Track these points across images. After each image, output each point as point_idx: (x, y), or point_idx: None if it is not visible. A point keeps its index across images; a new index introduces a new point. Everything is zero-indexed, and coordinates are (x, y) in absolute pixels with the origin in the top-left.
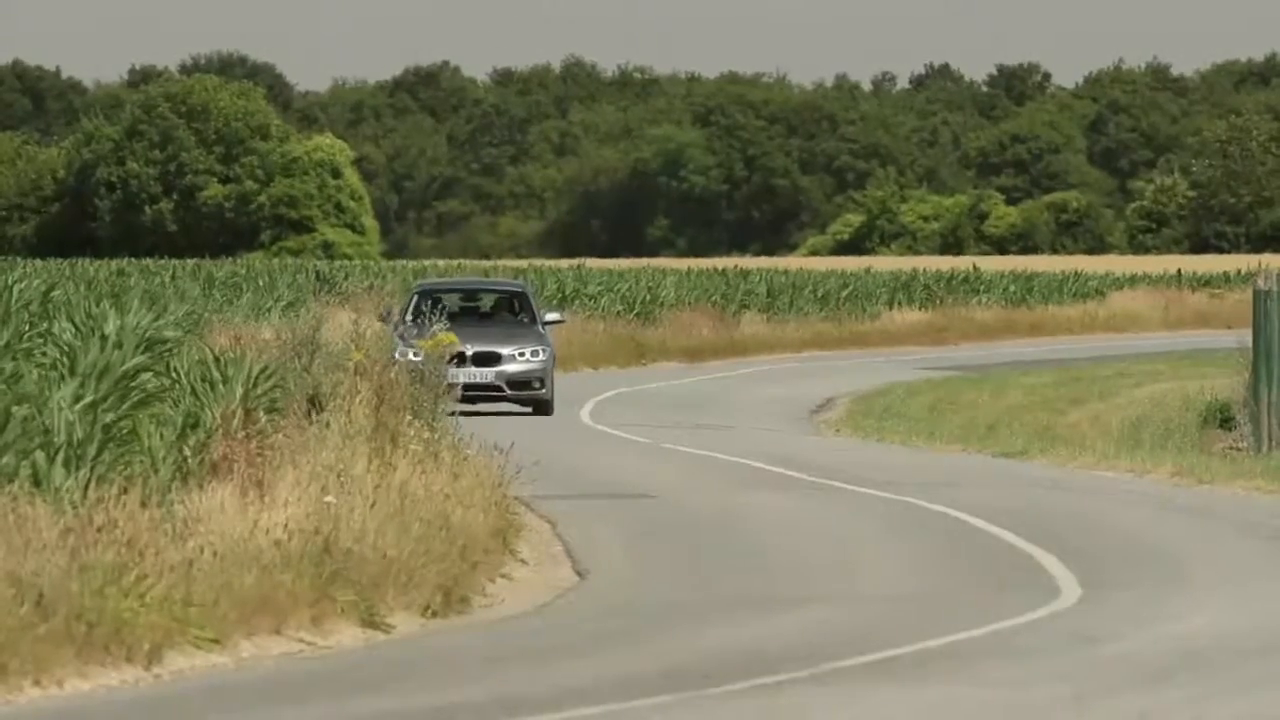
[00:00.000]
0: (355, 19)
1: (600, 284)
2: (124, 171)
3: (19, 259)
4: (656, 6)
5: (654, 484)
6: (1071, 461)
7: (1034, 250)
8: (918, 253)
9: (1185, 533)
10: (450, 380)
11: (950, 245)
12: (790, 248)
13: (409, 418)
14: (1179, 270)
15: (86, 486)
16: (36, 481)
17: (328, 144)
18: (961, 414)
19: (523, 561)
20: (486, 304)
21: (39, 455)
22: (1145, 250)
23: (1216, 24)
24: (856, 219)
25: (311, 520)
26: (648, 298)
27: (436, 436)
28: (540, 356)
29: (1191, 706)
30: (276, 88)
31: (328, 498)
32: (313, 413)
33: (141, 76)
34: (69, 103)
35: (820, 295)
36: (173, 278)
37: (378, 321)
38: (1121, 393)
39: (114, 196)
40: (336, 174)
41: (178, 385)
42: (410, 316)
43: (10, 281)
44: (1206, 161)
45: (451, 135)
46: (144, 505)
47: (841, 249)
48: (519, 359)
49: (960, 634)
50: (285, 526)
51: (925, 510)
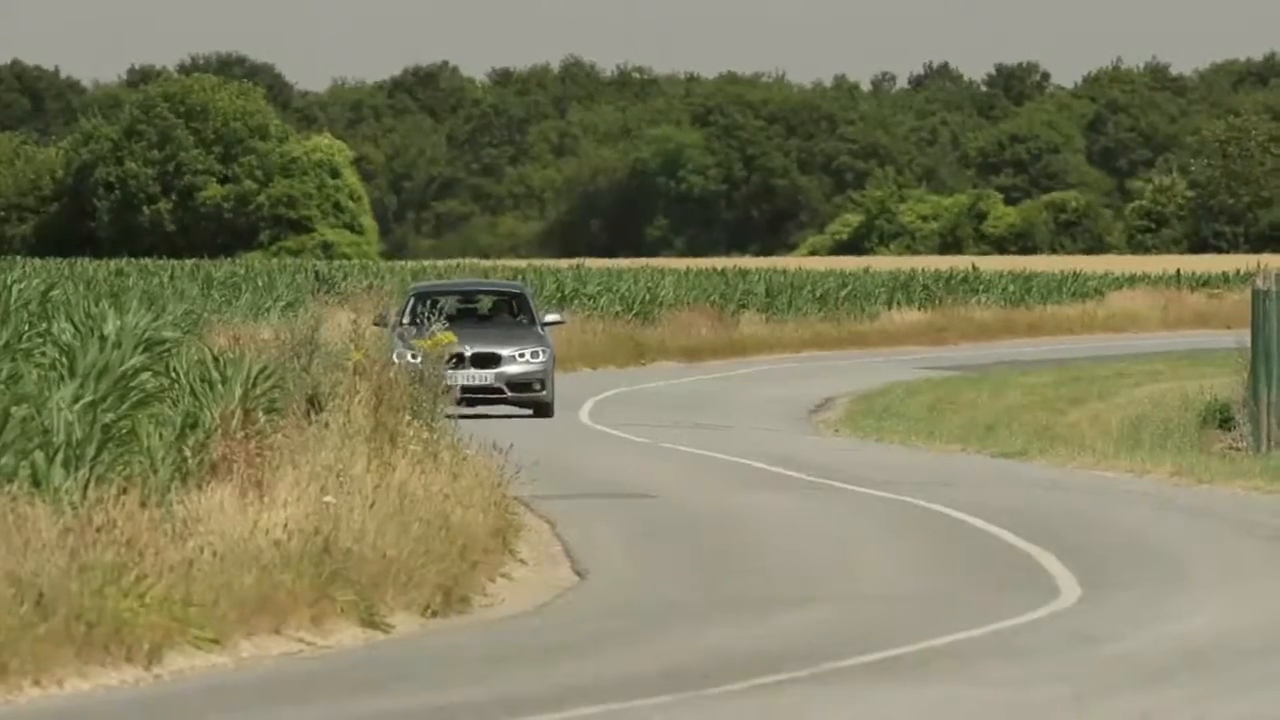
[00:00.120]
0: (354, 19)
1: (599, 284)
2: (123, 171)
3: (18, 259)
4: (655, 7)
5: (653, 484)
6: (1071, 461)
7: (1033, 250)
8: (917, 252)
9: (1185, 532)
10: (449, 382)
11: (949, 245)
12: (789, 248)
13: (408, 418)
14: (1178, 270)
15: (86, 486)
16: (36, 482)
17: (326, 144)
18: (961, 414)
19: (522, 561)
20: (485, 305)
21: (38, 455)
22: (1144, 250)
23: (1215, 24)
24: (855, 219)
25: (311, 520)
26: (647, 298)
27: (436, 436)
28: (540, 358)
29: (1192, 706)
30: (275, 88)
31: (327, 498)
32: (312, 413)
33: (140, 76)
34: (67, 102)
35: (819, 295)
36: (171, 278)
37: (374, 325)
38: (1121, 393)
39: (113, 196)
40: (335, 174)
41: (177, 385)
42: (407, 319)
43: (9, 281)
44: (1205, 161)
45: (450, 135)
46: (143, 505)
47: (840, 249)
48: (519, 360)
49: (960, 634)
50: (285, 526)
51: (925, 510)
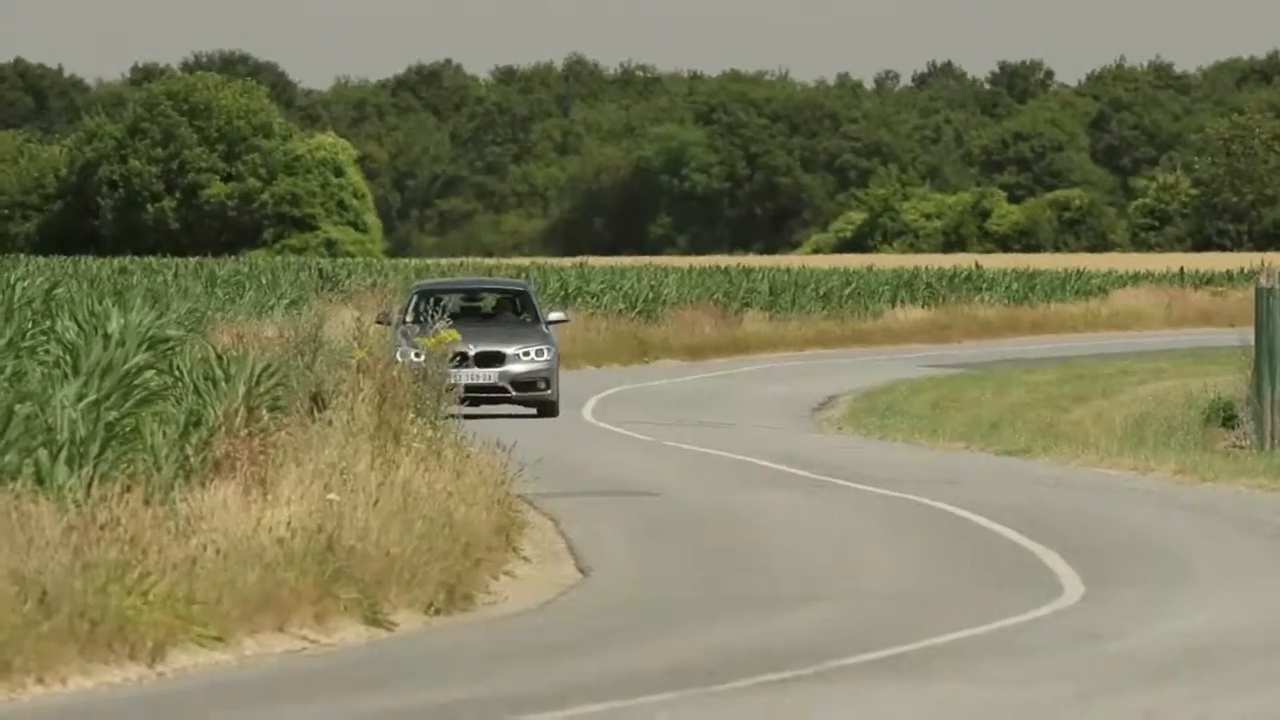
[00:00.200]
0: (358, 17)
1: (603, 282)
2: (126, 169)
3: (22, 257)
4: (659, 5)
5: (656, 481)
6: (1074, 459)
7: (1036, 248)
8: (920, 251)
9: (1188, 530)
10: (452, 381)
11: (953, 243)
12: (792, 246)
13: (412, 416)
14: (1181, 268)
15: (89, 485)
16: (39, 480)
17: (330, 142)
18: (964, 412)
19: (525, 559)
20: (488, 304)
21: (42, 453)
22: (1148, 248)
23: (1219, 22)
24: (859, 217)
25: (314, 518)
26: (650, 296)
27: (439, 434)
28: (545, 356)
29: (1195, 704)
30: (279, 86)
31: (330, 495)
32: (315, 411)
33: (144, 74)
34: (71, 101)
35: (823, 293)
36: (175, 276)
37: (377, 323)
38: (1124, 390)
39: (116, 194)
40: (339, 172)
41: (180, 383)
42: (410, 317)
43: (13, 279)
44: (1209, 159)
45: (454, 133)
46: (147, 503)
47: (844, 247)
48: (523, 359)
49: (964, 632)
50: (288, 524)
51: (928, 508)
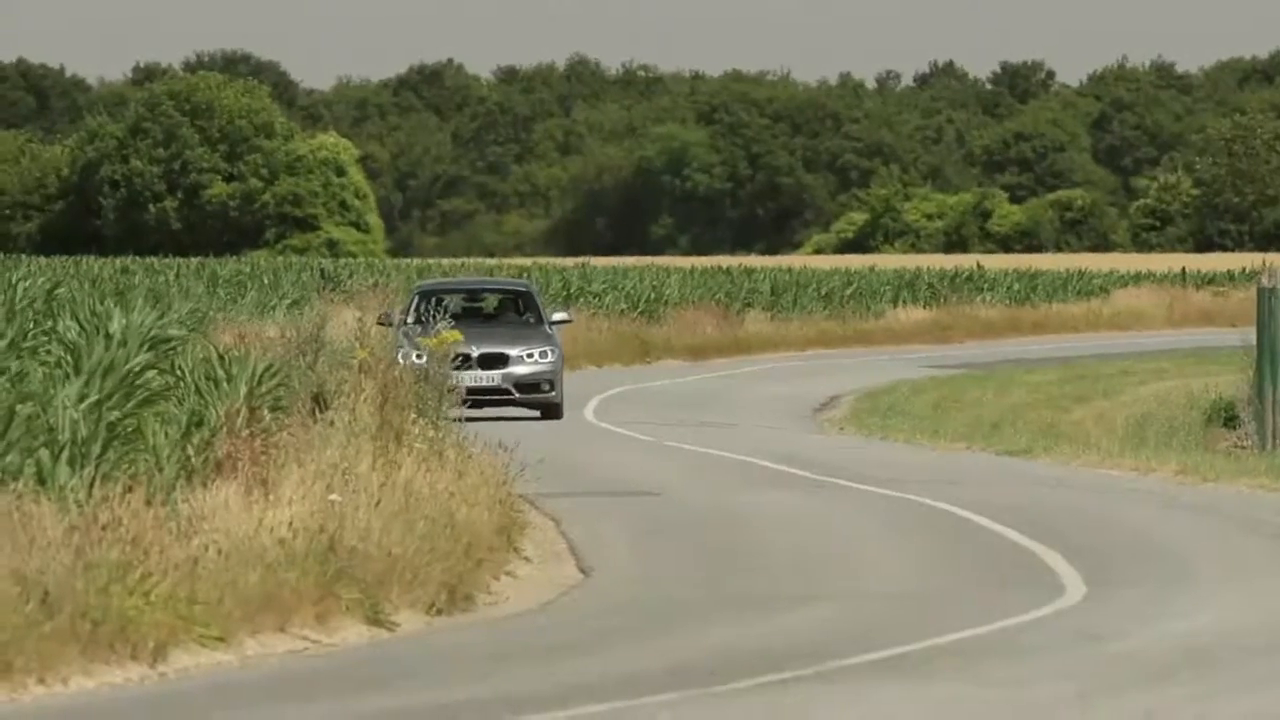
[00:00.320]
0: (359, 17)
1: (604, 282)
2: (128, 169)
3: (23, 257)
4: (660, 5)
5: (658, 482)
6: (1076, 459)
7: (1038, 248)
8: (922, 251)
9: (1190, 531)
10: (455, 384)
11: (954, 243)
12: (794, 246)
13: (414, 416)
14: (1183, 268)
15: (91, 485)
16: (41, 480)
17: (332, 142)
18: (966, 412)
19: (527, 559)
20: (490, 304)
21: (43, 453)
22: (1149, 248)
23: (1221, 22)
24: (860, 217)
25: (316, 518)
26: (652, 296)
27: (441, 435)
28: (549, 358)
29: (1196, 704)
30: (281, 86)
31: (332, 496)
32: (317, 411)
33: (146, 74)
34: (73, 100)
35: (824, 293)
36: (177, 276)
37: (378, 324)
38: (1126, 391)
39: (118, 194)
40: (341, 172)
41: (182, 383)
42: (412, 318)
43: (15, 279)
44: (1211, 159)
45: (456, 133)
46: (149, 503)
47: (845, 247)
48: (527, 360)
49: (965, 632)
50: (290, 525)
51: (929, 508)
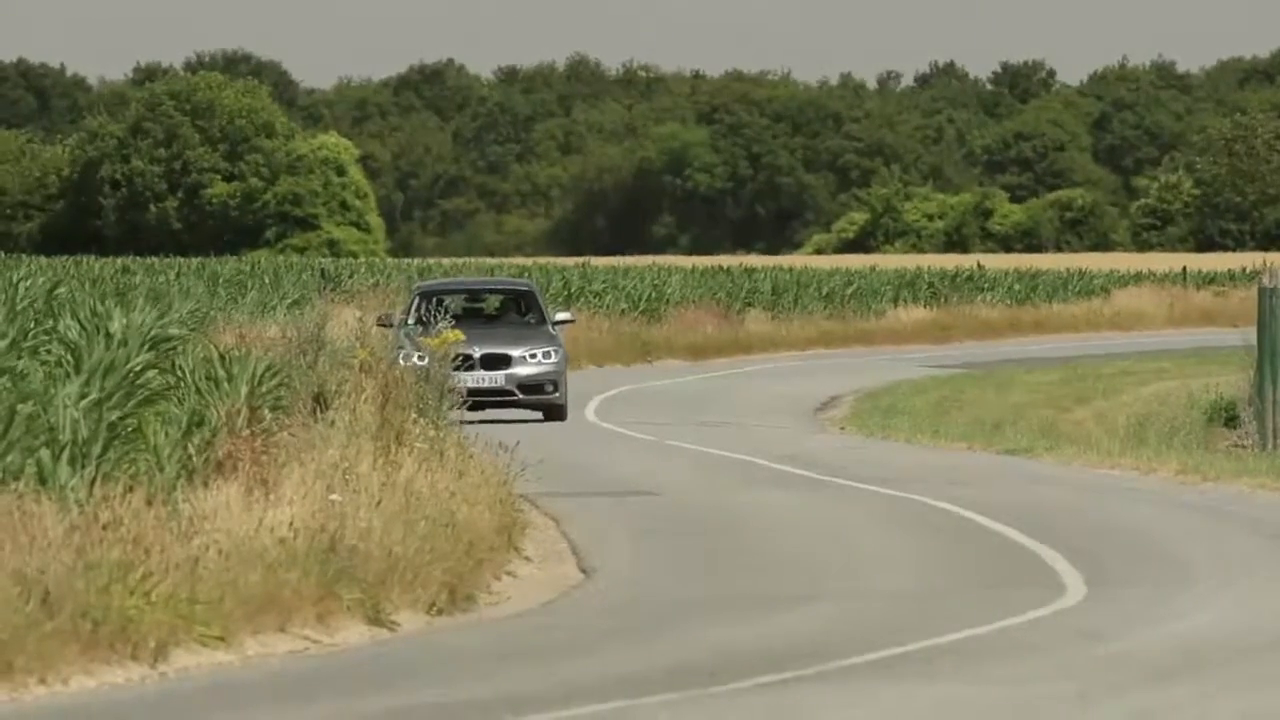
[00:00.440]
0: (360, 17)
1: (605, 282)
2: (129, 169)
3: (24, 256)
4: (661, 5)
5: (659, 482)
6: (1076, 459)
7: (1038, 248)
8: (922, 251)
9: (1190, 531)
10: (457, 385)
11: (955, 243)
12: (795, 246)
13: (414, 416)
14: (1184, 268)
15: (91, 484)
16: (42, 479)
17: (333, 142)
18: (966, 412)
19: (528, 559)
20: (492, 305)
21: (44, 453)
22: (1150, 248)
23: (1221, 22)
24: (861, 217)
25: (317, 518)
26: (652, 295)
27: (441, 434)
28: (553, 358)
29: (1196, 704)
30: (281, 85)
31: (333, 496)
32: (318, 411)
33: (146, 74)
34: (74, 100)
35: (825, 293)
36: (178, 275)
37: (378, 325)
38: (1126, 390)
39: (119, 194)
40: (341, 172)
41: (183, 383)
42: (412, 319)
43: (16, 279)
44: (1211, 159)
45: (456, 133)
46: (149, 503)
47: (846, 247)
48: (530, 361)
49: (965, 632)
50: (290, 524)
51: (930, 508)
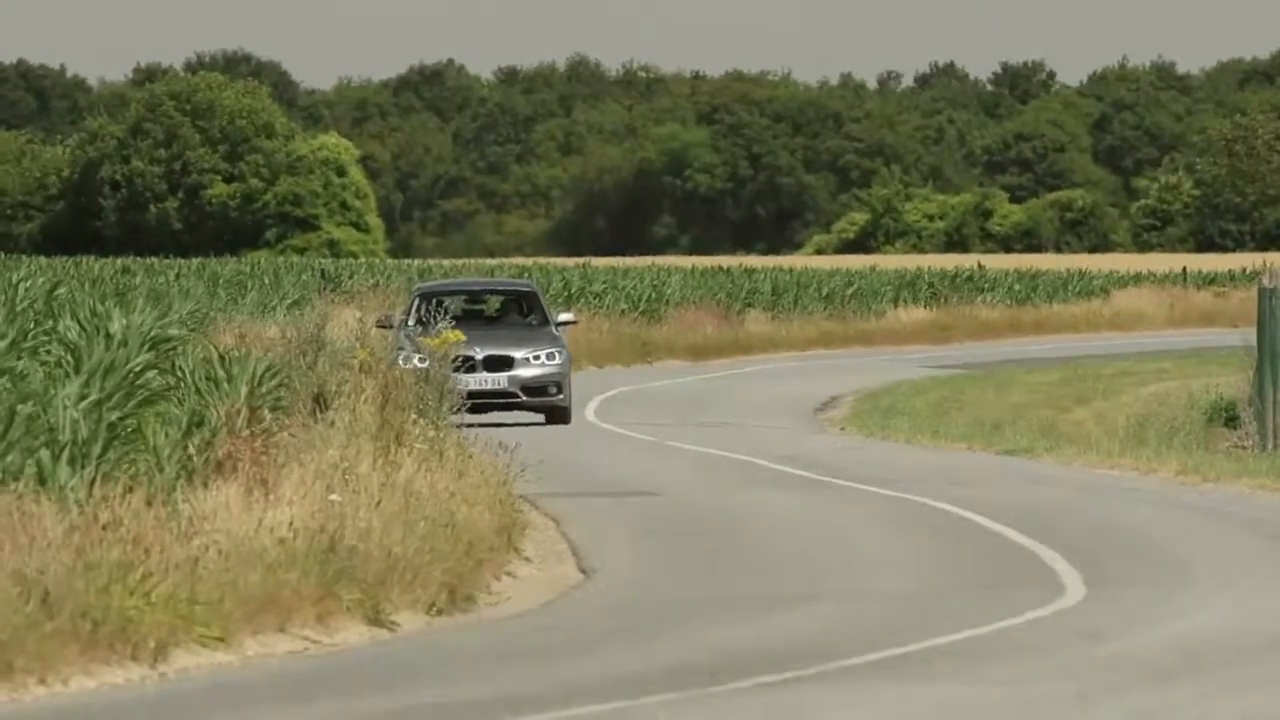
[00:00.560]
0: (360, 17)
1: (605, 282)
2: (129, 170)
3: (24, 257)
4: (661, 5)
5: (658, 482)
6: (1076, 459)
7: (1038, 249)
8: (922, 251)
9: (1190, 531)
10: (460, 387)
11: (955, 244)
12: (795, 246)
13: (414, 416)
14: (1184, 268)
15: (91, 485)
16: (41, 480)
17: (333, 142)
18: (966, 412)
19: (527, 559)
20: (493, 306)
21: (44, 453)
22: (1150, 248)
23: (1222, 23)
24: (861, 217)
25: (317, 518)
26: (652, 296)
27: (441, 435)
28: (556, 360)
29: (1196, 704)
30: (281, 86)
31: (333, 496)
32: (318, 411)
33: (146, 75)
34: (74, 101)
35: (825, 294)
36: (177, 276)
37: (378, 327)
38: (1126, 391)
39: (119, 195)
40: (341, 172)
41: (183, 384)
42: (412, 321)
43: (15, 280)
44: (1211, 160)
45: (456, 134)
46: (149, 504)
47: (846, 247)
48: (533, 363)
49: (965, 632)
50: (290, 525)
51: (930, 508)
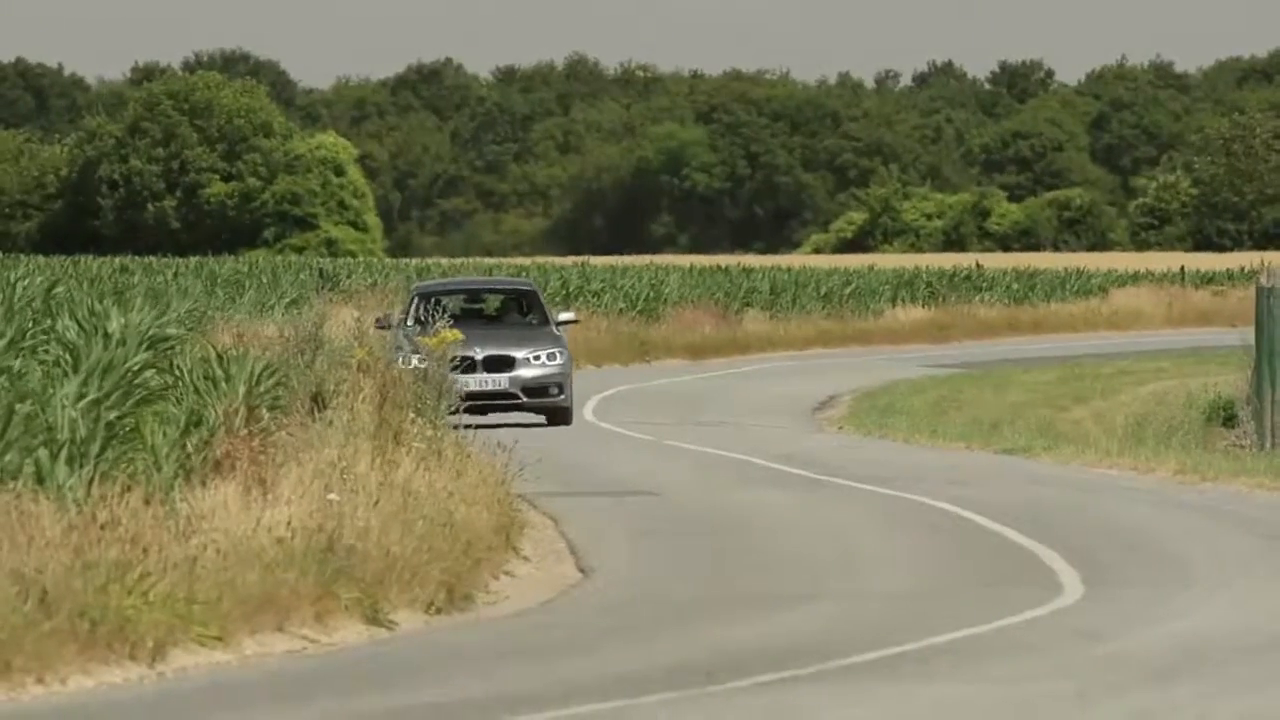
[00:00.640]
0: (358, 17)
1: (603, 281)
2: (127, 169)
3: (22, 256)
4: (659, 4)
5: (657, 481)
6: (1075, 459)
7: (1036, 248)
8: (920, 250)
9: (1188, 530)
10: (460, 388)
11: (953, 243)
12: (793, 245)
13: (412, 415)
14: (1182, 267)
15: (90, 484)
16: (40, 479)
17: (331, 141)
18: (964, 411)
19: (526, 559)
20: (493, 305)
21: (42, 453)
22: (1148, 247)
23: (1219, 21)
24: (859, 216)
25: (315, 518)
26: (651, 295)
27: (439, 434)
28: (558, 360)
29: (1195, 704)
30: (279, 85)
31: (331, 495)
32: (316, 410)
33: (144, 74)
34: (72, 100)
35: (823, 293)
36: (175, 275)
37: (376, 328)
38: (1124, 390)
39: (117, 194)
40: (340, 171)
41: (181, 383)
42: (411, 321)
43: (14, 279)
44: (1209, 159)
45: (455, 133)
46: (147, 503)
47: (844, 247)
48: (534, 363)
49: (964, 631)
50: (288, 524)
51: (928, 507)
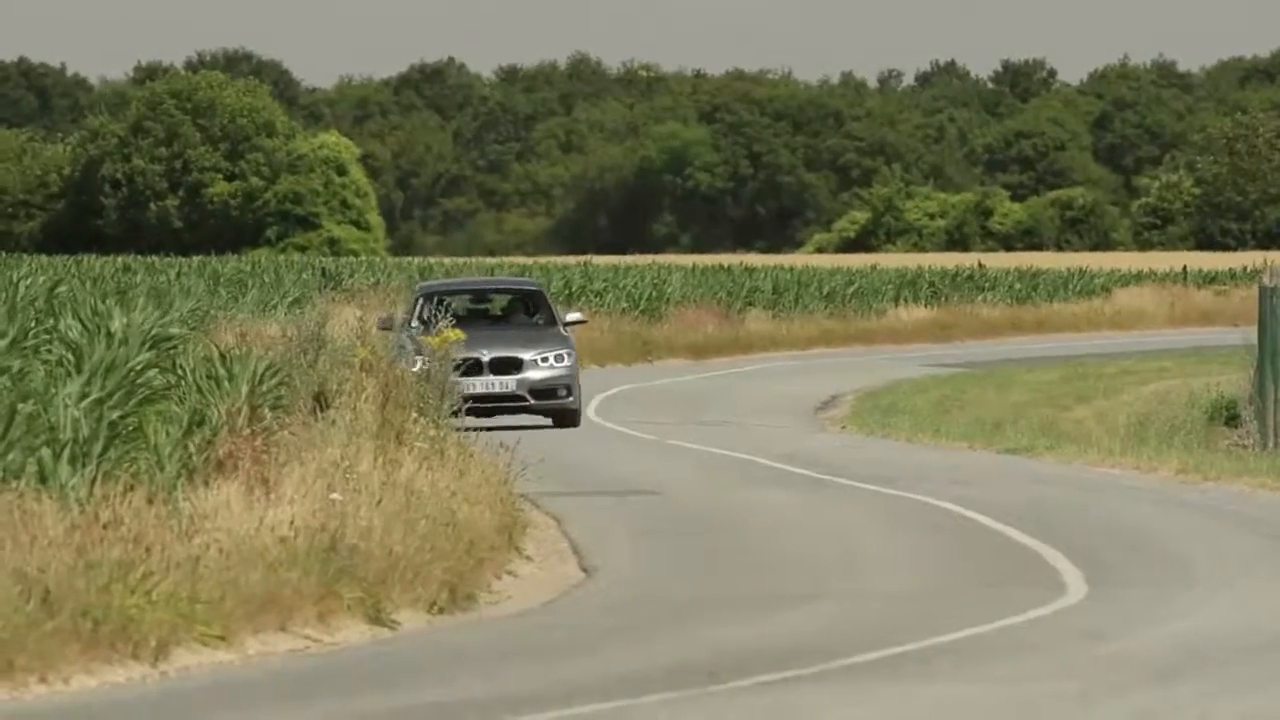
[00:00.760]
0: (361, 16)
1: (606, 281)
2: (129, 168)
3: (25, 255)
4: (662, 4)
5: (659, 481)
6: (1077, 458)
7: (1039, 247)
8: (923, 250)
9: (1191, 530)
10: (467, 391)
11: (956, 242)
12: (796, 245)
13: (415, 415)
14: (1185, 267)
15: (92, 484)
16: (42, 479)
17: (333, 141)
18: (967, 411)
19: (528, 558)
20: (498, 305)
21: (45, 452)
22: (1151, 247)
23: (1222, 21)
24: (862, 216)
25: (317, 517)
26: (653, 295)
27: (442, 434)
28: (565, 361)
29: (1198, 703)
30: (282, 84)
31: (334, 495)
32: (319, 410)
33: (147, 73)
34: (75, 99)
35: (826, 292)
36: (178, 275)
37: (379, 329)
38: (1127, 390)
39: (119, 193)
40: (342, 171)
41: (183, 382)
42: (414, 321)
43: (16, 278)
44: (1212, 158)
45: (457, 132)
46: (150, 502)
47: (847, 246)
48: (542, 365)
49: (966, 631)
50: (291, 524)
51: (931, 507)
